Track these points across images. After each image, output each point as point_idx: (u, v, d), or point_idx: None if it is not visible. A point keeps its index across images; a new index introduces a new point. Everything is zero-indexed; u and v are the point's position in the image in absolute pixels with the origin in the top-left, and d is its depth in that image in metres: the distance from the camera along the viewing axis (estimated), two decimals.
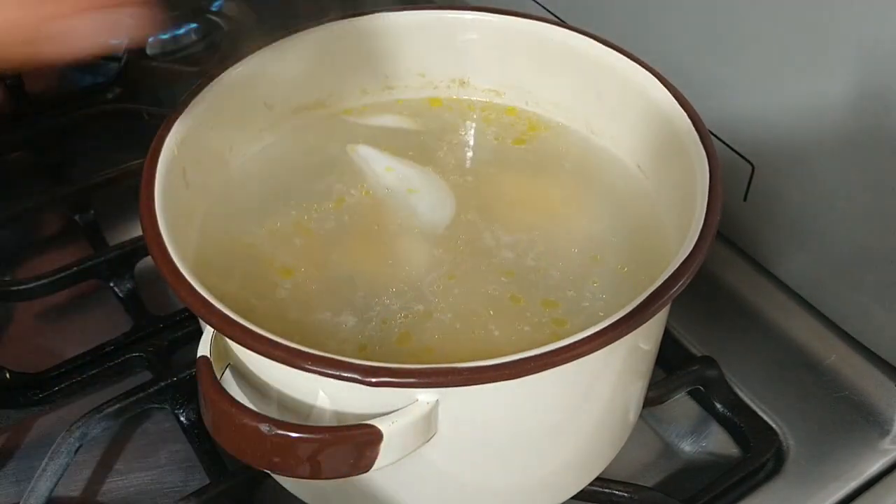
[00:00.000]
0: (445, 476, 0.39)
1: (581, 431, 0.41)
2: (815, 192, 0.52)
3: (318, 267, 0.44)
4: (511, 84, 0.53)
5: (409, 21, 0.51)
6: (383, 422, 0.34)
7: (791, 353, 0.54)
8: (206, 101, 0.45)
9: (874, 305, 0.51)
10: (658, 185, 0.47)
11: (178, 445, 0.49)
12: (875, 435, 0.49)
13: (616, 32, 0.49)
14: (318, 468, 0.34)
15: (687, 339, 0.54)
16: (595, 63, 0.48)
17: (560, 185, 0.49)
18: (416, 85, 0.53)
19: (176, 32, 0.74)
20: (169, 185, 0.41)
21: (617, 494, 0.45)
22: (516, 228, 0.46)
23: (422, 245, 0.45)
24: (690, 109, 0.44)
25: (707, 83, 0.55)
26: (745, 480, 0.47)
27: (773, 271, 0.57)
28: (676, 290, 0.36)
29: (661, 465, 0.49)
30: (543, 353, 0.33)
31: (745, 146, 0.55)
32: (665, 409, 0.51)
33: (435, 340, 0.41)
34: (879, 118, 0.47)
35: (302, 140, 0.51)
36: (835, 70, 0.48)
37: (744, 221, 0.58)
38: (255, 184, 0.48)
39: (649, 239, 0.45)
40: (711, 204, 0.39)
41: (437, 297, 0.42)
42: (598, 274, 0.43)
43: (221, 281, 0.43)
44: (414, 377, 0.33)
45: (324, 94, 0.52)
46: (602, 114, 0.50)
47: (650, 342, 0.42)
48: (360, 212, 0.47)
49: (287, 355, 0.34)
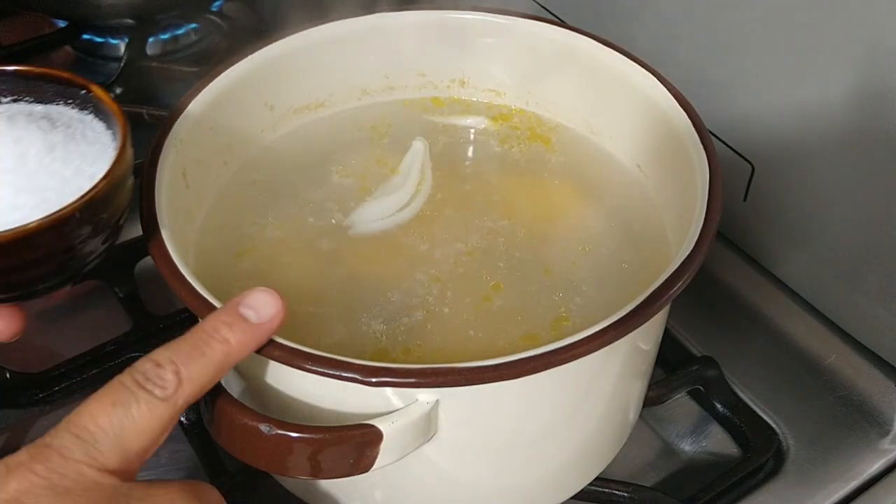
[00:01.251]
0: (445, 476, 0.39)
1: (581, 431, 0.41)
2: (815, 192, 0.52)
3: (319, 266, 0.44)
4: (511, 84, 0.53)
5: (409, 21, 0.51)
6: (383, 422, 0.34)
7: (791, 353, 0.54)
8: (205, 101, 0.45)
9: (874, 305, 0.51)
10: (658, 185, 0.47)
11: (178, 445, 0.48)
12: (875, 435, 0.49)
13: (616, 32, 0.49)
14: (318, 468, 0.34)
15: (687, 339, 0.54)
16: (595, 63, 0.48)
17: (560, 185, 0.49)
18: (416, 85, 0.53)
19: (176, 32, 0.74)
20: (169, 185, 0.41)
21: (617, 494, 0.45)
22: (516, 229, 0.46)
23: (422, 245, 0.45)
24: (690, 109, 0.44)
25: (707, 83, 0.55)
26: (745, 480, 0.47)
27: (773, 271, 0.57)
28: (676, 290, 0.36)
29: (661, 465, 0.49)
30: (543, 353, 0.33)
31: (745, 146, 0.55)
32: (665, 409, 0.51)
33: (435, 340, 0.41)
34: (879, 118, 0.47)
35: (302, 140, 0.51)
36: (835, 70, 0.48)
37: (744, 221, 0.58)
38: (255, 184, 0.48)
39: (649, 239, 0.45)
40: (711, 204, 0.39)
41: (438, 296, 0.42)
42: (598, 274, 0.43)
43: (221, 281, 0.43)
44: (414, 377, 0.33)
45: (324, 95, 0.51)
46: (602, 114, 0.50)
47: (650, 342, 0.42)
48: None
49: (287, 355, 0.34)
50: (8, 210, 0.33)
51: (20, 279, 0.34)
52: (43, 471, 0.30)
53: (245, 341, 0.33)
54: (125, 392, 0.31)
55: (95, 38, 0.74)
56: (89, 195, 0.33)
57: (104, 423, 0.31)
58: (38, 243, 0.33)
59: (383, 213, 0.46)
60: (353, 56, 0.51)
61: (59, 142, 0.35)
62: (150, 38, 0.73)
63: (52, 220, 0.32)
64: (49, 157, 0.35)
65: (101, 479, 0.30)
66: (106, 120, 0.38)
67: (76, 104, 0.38)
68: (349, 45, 0.50)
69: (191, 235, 0.44)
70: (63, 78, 0.38)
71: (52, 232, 0.33)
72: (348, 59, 0.51)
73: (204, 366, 0.33)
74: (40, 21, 0.77)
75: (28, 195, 0.34)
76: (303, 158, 0.50)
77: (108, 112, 0.37)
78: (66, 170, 0.35)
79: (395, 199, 0.47)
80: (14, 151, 0.34)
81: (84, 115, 0.38)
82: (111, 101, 0.37)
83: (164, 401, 0.32)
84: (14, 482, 0.30)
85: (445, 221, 0.46)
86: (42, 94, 0.38)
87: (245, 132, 0.49)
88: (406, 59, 0.52)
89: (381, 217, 0.46)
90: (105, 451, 0.31)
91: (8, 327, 0.37)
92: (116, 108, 0.37)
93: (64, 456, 0.30)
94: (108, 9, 0.68)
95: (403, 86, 0.53)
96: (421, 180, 0.48)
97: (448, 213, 0.47)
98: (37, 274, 0.34)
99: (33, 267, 0.33)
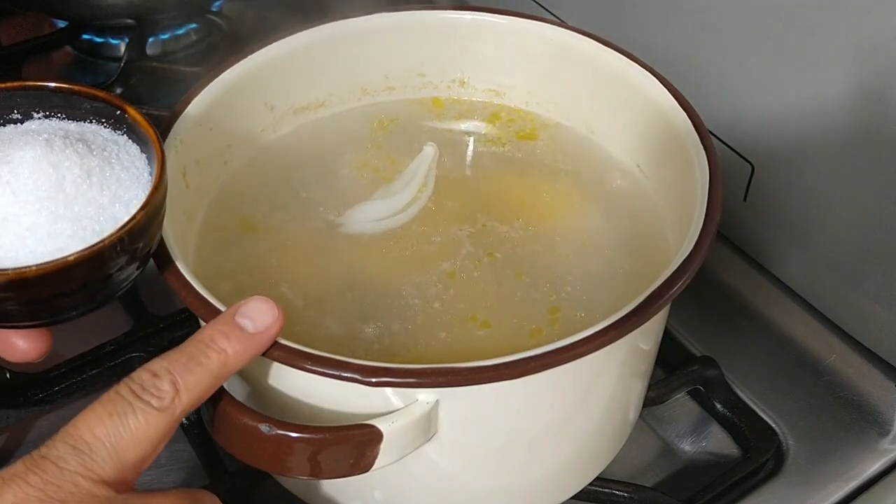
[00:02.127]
0: (445, 476, 0.39)
1: (581, 431, 0.41)
2: (815, 192, 0.52)
3: (319, 267, 0.44)
4: (511, 84, 0.53)
5: (409, 21, 0.51)
6: (383, 422, 0.34)
7: (791, 353, 0.54)
8: (205, 101, 0.45)
9: (874, 305, 0.51)
10: (658, 185, 0.47)
11: (178, 445, 0.48)
12: (875, 435, 0.49)
13: (616, 32, 0.49)
14: (318, 468, 0.34)
15: (687, 339, 0.54)
16: (595, 63, 0.48)
17: (560, 184, 0.49)
18: (416, 85, 0.53)
19: (176, 32, 0.74)
20: (169, 186, 0.41)
21: (617, 494, 0.45)
22: (516, 228, 0.46)
23: (421, 246, 0.45)
24: (690, 109, 0.44)
25: (707, 83, 0.55)
26: (745, 480, 0.47)
27: (773, 271, 0.57)
28: (676, 290, 0.36)
29: (661, 465, 0.49)
30: (543, 353, 0.33)
31: (745, 146, 0.55)
32: (665, 409, 0.51)
33: (436, 340, 0.41)
34: (879, 118, 0.47)
35: (302, 140, 0.51)
36: (835, 70, 0.48)
37: (744, 221, 0.58)
38: (255, 184, 0.48)
39: (649, 239, 0.45)
40: (711, 204, 0.39)
41: (437, 296, 0.42)
42: (598, 274, 0.43)
43: (221, 281, 0.43)
44: (414, 377, 0.33)
45: (324, 95, 0.51)
46: (602, 114, 0.50)
47: (650, 342, 0.42)
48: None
49: (287, 355, 0.34)
50: (45, 238, 0.33)
51: (53, 307, 0.33)
52: (39, 482, 0.30)
53: (242, 351, 0.33)
54: (122, 402, 0.31)
55: (95, 38, 0.74)
56: (128, 227, 0.33)
57: (100, 434, 0.31)
58: (76, 276, 0.32)
59: (378, 215, 0.46)
60: (353, 56, 0.51)
61: (95, 166, 0.35)
62: (150, 38, 0.73)
63: (90, 253, 0.32)
64: (86, 183, 0.34)
65: (98, 490, 0.30)
66: (140, 142, 0.37)
67: (110, 124, 0.37)
68: (349, 45, 0.50)
69: (191, 235, 0.44)
70: (98, 97, 0.37)
71: (90, 264, 0.32)
72: (348, 59, 0.51)
73: (201, 376, 0.33)
74: (40, 21, 0.77)
75: (65, 223, 0.33)
76: (303, 159, 0.50)
77: (142, 135, 0.37)
78: (102, 196, 0.34)
79: (394, 202, 0.47)
80: (52, 177, 0.34)
81: (118, 137, 0.37)
82: (148, 126, 0.37)
83: (160, 411, 0.32)
84: (10, 494, 0.29)
85: (445, 221, 0.46)
86: (75, 111, 0.37)
87: (245, 132, 0.49)
88: (406, 59, 0.52)
89: (376, 218, 0.46)
90: (101, 462, 0.31)
91: (36, 347, 0.36)
92: (153, 134, 0.36)
93: (60, 467, 0.30)
94: (108, 9, 0.68)
95: (403, 86, 0.53)
96: (423, 186, 0.48)
97: (448, 213, 0.47)
98: (70, 303, 0.33)
99: (67, 297, 0.33)
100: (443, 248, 0.45)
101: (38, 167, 0.34)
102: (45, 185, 0.33)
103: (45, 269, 0.31)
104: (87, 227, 0.33)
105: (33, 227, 0.33)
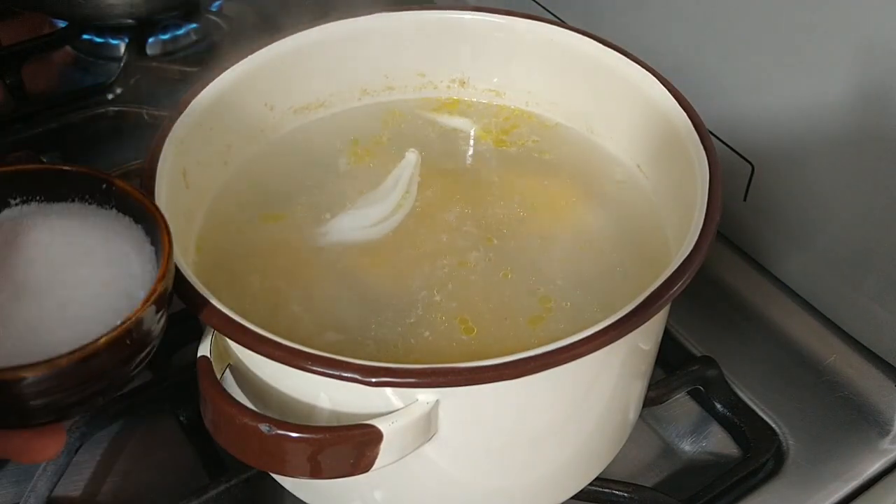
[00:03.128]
0: (445, 476, 0.39)
1: (581, 431, 0.41)
2: (815, 192, 0.52)
3: (319, 268, 0.44)
4: (511, 84, 0.53)
5: (409, 21, 0.51)
6: (383, 422, 0.34)
7: (791, 353, 0.54)
8: (206, 101, 0.45)
9: (874, 305, 0.51)
10: (658, 185, 0.47)
11: (178, 445, 0.48)
12: (875, 435, 0.49)
13: (616, 32, 0.50)
14: (318, 468, 0.34)
15: (687, 339, 0.54)
16: (595, 63, 0.48)
17: (560, 184, 0.49)
18: (416, 85, 0.53)
19: (176, 32, 0.74)
20: (169, 186, 0.41)
21: (617, 494, 0.45)
22: (516, 228, 0.46)
23: (421, 246, 0.45)
24: (690, 109, 0.44)
25: (707, 83, 0.55)
26: (745, 480, 0.47)
27: (773, 271, 0.57)
28: (676, 290, 0.36)
29: (661, 465, 0.49)
30: (543, 353, 0.33)
31: (745, 146, 0.55)
32: (665, 409, 0.51)
33: (435, 341, 0.41)
34: (879, 118, 0.47)
35: (302, 141, 0.51)
36: (834, 70, 0.48)
37: (744, 221, 0.58)
38: (255, 185, 0.48)
39: (649, 239, 0.45)
40: (711, 204, 0.39)
41: (437, 295, 0.42)
42: (598, 274, 0.43)
43: (221, 281, 0.43)
44: (414, 377, 0.33)
45: (324, 95, 0.51)
46: (602, 114, 0.50)
47: (650, 342, 0.42)
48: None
49: (287, 355, 0.34)
50: (58, 327, 0.32)
51: (76, 399, 0.32)
52: None
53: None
54: None
55: (95, 38, 0.74)
56: (131, 320, 0.32)
57: None
58: (99, 364, 0.31)
59: (362, 223, 0.46)
60: (353, 56, 0.51)
61: (95, 245, 0.35)
62: (150, 38, 0.73)
63: (109, 341, 0.31)
64: (87, 265, 0.34)
65: None
66: (131, 213, 0.36)
67: (95, 200, 0.36)
68: (349, 45, 0.50)
69: (191, 236, 0.44)
70: (80, 173, 0.36)
71: (109, 352, 0.31)
72: (348, 59, 0.51)
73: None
74: (40, 21, 0.77)
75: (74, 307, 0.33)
76: (303, 159, 0.50)
77: (133, 206, 0.36)
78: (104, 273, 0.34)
79: (376, 210, 0.46)
80: (49, 264, 0.34)
81: (106, 211, 0.36)
82: (141, 197, 0.35)
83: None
84: None
85: (445, 221, 0.46)
86: (55, 190, 0.36)
87: (245, 132, 0.49)
88: (406, 59, 0.52)
89: (359, 227, 0.46)
90: None
91: (55, 444, 0.34)
92: (149, 204, 0.35)
93: None
94: (108, 9, 0.68)
95: (403, 86, 0.53)
96: (405, 194, 0.47)
97: (447, 212, 0.47)
98: (97, 388, 0.32)
99: (92, 385, 0.32)
100: (443, 248, 0.45)
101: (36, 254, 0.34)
102: (43, 272, 0.33)
103: (74, 359, 0.30)
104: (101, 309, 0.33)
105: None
